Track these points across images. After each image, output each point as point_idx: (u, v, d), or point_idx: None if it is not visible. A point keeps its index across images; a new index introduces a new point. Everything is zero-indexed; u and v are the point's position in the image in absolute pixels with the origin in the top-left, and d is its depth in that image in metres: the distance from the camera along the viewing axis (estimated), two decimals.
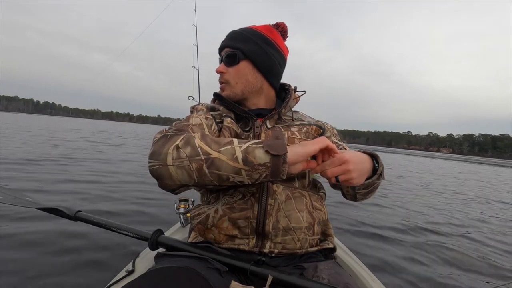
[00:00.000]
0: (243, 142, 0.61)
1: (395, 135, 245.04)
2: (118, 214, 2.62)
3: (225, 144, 0.60)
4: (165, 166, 0.60)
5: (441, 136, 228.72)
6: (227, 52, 0.81)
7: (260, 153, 0.58)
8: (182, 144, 0.60)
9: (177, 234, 1.22)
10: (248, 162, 0.58)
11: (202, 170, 0.59)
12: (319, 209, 0.78)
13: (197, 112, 0.81)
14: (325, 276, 0.64)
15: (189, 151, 0.59)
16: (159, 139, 0.64)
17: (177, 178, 0.60)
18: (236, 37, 0.81)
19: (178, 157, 0.59)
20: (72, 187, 3.41)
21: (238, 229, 0.71)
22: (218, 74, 0.83)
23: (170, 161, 0.59)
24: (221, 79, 0.83)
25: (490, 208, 4.78)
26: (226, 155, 0.59)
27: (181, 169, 0.59)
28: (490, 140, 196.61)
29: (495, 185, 9.01)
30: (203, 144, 0.60)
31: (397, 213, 3.70)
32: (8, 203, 0.91)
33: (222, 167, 0.58)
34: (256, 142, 0.61)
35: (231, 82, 0.81)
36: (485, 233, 3.17)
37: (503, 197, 6.41)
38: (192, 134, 0.63)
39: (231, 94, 0.82)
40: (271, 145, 0.59)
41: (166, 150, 0.60)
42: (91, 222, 0.85)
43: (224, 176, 0.59)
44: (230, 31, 0.85)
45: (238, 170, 0.59)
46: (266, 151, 0.58)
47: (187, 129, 0.69)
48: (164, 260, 0.68)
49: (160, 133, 0.67)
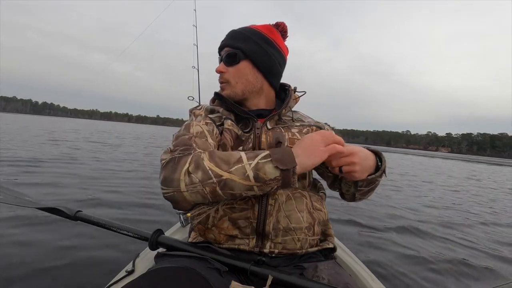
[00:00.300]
0: (252, 157, 0.61)
1: (394, 134, 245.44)
2: (118, 214, 2.62)
3: (234, 162, 0.60)
4: (179, 192, 0.60)
5: (440, 135, 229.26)
6: (227, 51, 0.80)
7: (270, 168, 0.60)
8: (193, 169, 0.60)
9: (177, 234, 1.22)
10: (259, 178, 0.60)
11: (215, 192, 0.60)
12: (319, 210, 0.78)
13: (196, 118, 0.79)
14: (325, 276, 0.64)
15: (201, 176, 0.59)
16: (167, 163, 0.63)
17: (192, 201, 0.61)
18: (236, 37, 0.81)
19: (191, 182, 0.59)
20: (72, 187, 3.41)
21: (239, 229, 0.71)
22: (218, 73, 0.83)
23: (184, 188, 0.59)
24: (221, 79, 0.82)
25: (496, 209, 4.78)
26: (237, 175, 0.59)
27: (195, 194, 0.60)
28: (489, 139, 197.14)
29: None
30: (213, 165, 0.60)
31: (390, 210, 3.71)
32: (8, 203, 0.91)
33: (235, 186, 0.60)
34: (264, 155, 0.61)
35: (231, 81, 0.81)
36: (495, 233, 3.17)
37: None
38: (200, 155, 0.62)
39: (231, 93, 0.81)
40: (280, 159, 0.60)
41: (177, 176, 0.60)
42: (91, 222, 0.85)
43: (237, 194, 0.61)
44: (230, 31, 0.84)
45: (250, 187, 0.60)
46: (276, 166, 0.60)
47: (191, 145, 0.67)
48: (164, 260, 0.68)
49: (166, 154, 0.65)
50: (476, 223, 3.59)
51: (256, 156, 0.61)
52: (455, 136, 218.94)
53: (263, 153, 0.62)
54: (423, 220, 3.41)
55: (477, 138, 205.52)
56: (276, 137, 0.76)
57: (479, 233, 3.13)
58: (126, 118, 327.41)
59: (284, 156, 0.61)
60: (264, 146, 0.75)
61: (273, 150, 0.63)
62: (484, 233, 3.17)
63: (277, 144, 0.75)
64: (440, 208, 4.25)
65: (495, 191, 7.30)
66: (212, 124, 0.77)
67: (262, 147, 0.74)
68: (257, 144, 0.75)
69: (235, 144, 0.76)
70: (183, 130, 0.74)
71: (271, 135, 0.77)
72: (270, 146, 0.75)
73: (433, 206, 4.38)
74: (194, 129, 0.73)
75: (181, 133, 0.72)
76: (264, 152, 0.62)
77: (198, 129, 0.73)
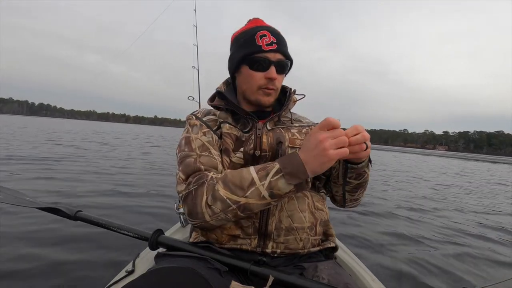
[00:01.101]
0: (264, 176, 0.63)
1: (392, 133, 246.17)
2: (118, 214, 2.62)
3: (248, 186, 0.63)
4: (206, 222, 0.66)
5: (437, 133, 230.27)
6: (281, 60, 0.77)
7: (283, 184, 0.61)
8: (211, 201, 0.64)
9: (177, 234, 1.21)
10: (275, 195, 0.63)
11: (237, 215, 0.65)
12: (321, 209, 0.78)
13: (193, 129, 0.78)
14: (325, 276, 0.65)
15: (220, 206, 0.64)
16: (186, 198, 0.67)
17: (219, 225, 0.69)
18: (285, 44, 0.79)
19: (214, 213, 0.65)
20: (71, 187, 3.40)
21: (241, 229, 0.71)
22: (266, 78, 0.77)
23: (209, 218, 0.65)
24: (272, 85, 0.78)
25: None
26: (254, 198, 0.63)
27: (220, 220, 0.66)
28: (485, 137, 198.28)
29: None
30: (229, 193, 0.63)
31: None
32: (8, 203, 0.91)
33: (254, 207, 0.64)
34: (276, 171, 0.62)
35: (277, 90, 0.81)
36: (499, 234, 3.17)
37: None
38: (214, 185, 0.65)
39: (272, 101, 0.81)
40: (291, 172, 0.61)
41: (200, 210, 0.65)
42: (91, 222, 0.85)
43: (257, 210, 0.66)
44: (271, 29, 0.78)
45: (267, 204, 0.65)
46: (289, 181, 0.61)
47: (200, 169, 0.70)
48: (164, 260, 0.68)
49: (181, 186, 0.70)
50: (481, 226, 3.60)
51: (268, 174, 0.63)
52: (452, 134, 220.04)
53: (274, 169, 0.63)
54: (423, 220, 3.41)
55: (473, 136, 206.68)
56: (277, 137, 0.77)
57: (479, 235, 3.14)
58: (124, 118, 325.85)
59: (294, 167, 0.61)
60: (265, 146, 0.75)
61: (282, 161, 0.63)
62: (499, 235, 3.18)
63: (278, 144, 0.76)
64: (440, 208, 4.23)
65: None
66: (210, 132, 0.78)
67: (263, 148, 0.75)
68: (258, 145, 0.75)
69: (235, 146, 0.77)
70: (185, 147, 0.75)
71: (271, 136, 0.77)
72: (271, 146, 0.75)
73: (433, 205, 4.37)
74: (195, 144, 0.74)
75: (185, 153, 0.73)
76: (275, 167, 0.63)
77: (199, 143, 0.75)
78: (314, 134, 0.61)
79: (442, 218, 3.54)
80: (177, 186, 0.71)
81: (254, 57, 0.76)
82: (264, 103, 0.80)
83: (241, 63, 0.78)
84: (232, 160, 0.75)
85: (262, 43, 0.75)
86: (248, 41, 0.77)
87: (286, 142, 0.77)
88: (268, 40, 0.75)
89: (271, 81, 0.77)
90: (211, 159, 0.72)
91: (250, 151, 0.74)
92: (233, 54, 0.82)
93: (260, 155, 0.74)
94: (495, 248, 2.62)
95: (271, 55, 0.75)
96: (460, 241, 2.73)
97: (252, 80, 0.78)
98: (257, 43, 0.75)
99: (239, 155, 0.75)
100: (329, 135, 0.58)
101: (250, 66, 0.77)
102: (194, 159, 0.71)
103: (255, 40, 0.76)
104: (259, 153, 0.74)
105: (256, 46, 0.75)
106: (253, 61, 0.76)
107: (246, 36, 0.78)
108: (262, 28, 0.78)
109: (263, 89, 0.78)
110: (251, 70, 0.77)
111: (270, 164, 0.64)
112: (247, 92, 0.81)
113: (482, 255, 2.41)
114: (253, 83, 0.78)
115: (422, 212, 3.81)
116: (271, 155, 0.75)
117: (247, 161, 0.75)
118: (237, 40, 0.81)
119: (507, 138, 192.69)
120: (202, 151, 0.73)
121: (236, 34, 0.83)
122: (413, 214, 3.59)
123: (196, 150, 0.73)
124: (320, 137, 0.59)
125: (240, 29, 0.83)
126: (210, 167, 0.71)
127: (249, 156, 0.75)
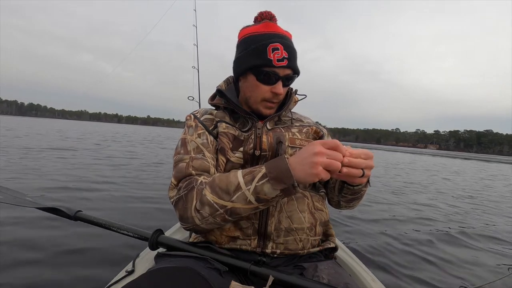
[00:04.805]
0: (249, 180, 0.62)
1: (384, 132, 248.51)
2: (118, 214, 2.60)
3: (234, 191, 0.63)
4: (196, 226, 0.67)
5: (428, 132, 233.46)
6: (289, 75, 0.76)
7: (269, 188, 0.60)
8: (199, 206, 0.65)
9: (177, 234, 1.21)
10: (261, 200, 0.62)
11: (225, 219, 0.65)
12: (320, 210, 0.77)
13: (189, 131, 0.79)
14: (325, 276, 0.65)
15: (208, 210, 0.64)
16: (177, 203, 0.68)
17: (210, 228, 0.69)
18: (295, 57, 0.77)
19: (203, 217, 0.65)
20: (71, 187, 3.37)
21: (240, 230, 0.71)
22: (272, 92, 0.76)
23: (198, 222, 0.66)
24: (276, 99, 0.78)
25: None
26: (240, 202, 0.63)
27: (210, 224, 0.66)
28: (475, 136, 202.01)
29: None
30: (215, 198, 0.64)
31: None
32: (8, 203, 0.90)
33: (241, 211, 0.64)
34: (261, 175, 0.61)
35: (280, 101, 0.81)
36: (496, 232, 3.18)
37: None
38: (202, 190, 0.65)
39: (273, 112, 0.81)
40: (276, 177, 0.60)
41: (190, 214, 0.66)
42: (91, 222, 0.85)
43: (246, 215, 0.66)
44: (288, 42, 0.75)
45: (255, 208, 0.64)
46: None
47: (190, 174, 0.70)
48: (164, 260, 0.68)
49: (173, 191, 0.71)
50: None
51: (253, 179, 0.62)
52: (443, 133, 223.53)
53: (260, 173, 0.62)
54: (423, 221, 3.39)
55: (463, 135, 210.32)
56: (277, 137, 0.77)
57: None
58: (116, 118, 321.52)
59: (280, 172, 0.59)
60: (265, 146, 0.75)
61: (269, 166, 0.62)
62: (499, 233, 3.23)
63: (278, 143, 0.76)
64: (441, 209, 4.21)
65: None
66: (205, 133, 0.78)
67: (263, 147, 0.75)
68: (258, 145, 0.75)
69: (234, 146, 0.77)
70: (181, 148, 0.76)
71: (271, 136, 0.77)
72: (271, 146, 0.75)
73: (433, 205, 4.36)
74: (190, 146, 0.76)
75: (180, 156, 0.74)
76: (261, 171, 0.62)
77: (193, 145, 0.76)
78: (313, 144, 0.60)
79: (442, 218, 3.56)
80: (169, 192, 0.72)
81: (263, 70, 0.74)
82: (265, 114, 0.80)
83: (248, 71, 0.76)
84: (231, 160, 0.75)
85: (273, 57, 0.72)
86: (259, 52, 0.73)
87: (286, 141, 0.77)
88: (280, 56, 0.72)
89: (276, 96, 0.77)
90: (203, 162, 0.72)
91: (250, 150, 0.74)
92: (240, 58, 0.78)
93: (260, 155, 0.74)
94: (495, 248, 2.63)
95: (280, 70, 0.74)
96: (460, 241, 2.73)
97: (258, 91, 0.77)
98: (268, 57, 0.72)
99: (239, 154, 0.75)
100: (327, 153, 0.57)
101: (257, 77, 0.75)
102: (186, 163, 0.72)
103: (267, 53, 0.72)
104: (258, 153, 0.74)
105: (267, 60, 0.72)
106: (261, 73, 0.74)
107: (257, 44, 0.74)
108: (275, 38, 0.74)
109: (267, 101, 0.78)
110: (258, 81, 0.75)
111: (257, 168, 0.64)
112: (250, 100, 0.80)
113: (482, 255, 2.42)
114: (258, 94, 0.77)
115: (422, 212, 3.83)
116: (271, 154, 0.75)
117: (247, 161, 0.75)
118: (247, 45, 0.76)
119: (495, 137, 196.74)
120: (196, 153, 0.74)
121: (246, 35, 0.78)
122: (413, 214, 3.61)
123: (190, 153, 0.74)
124: (317, 149, 0.58)
125: (250, 29, 0.78)
126: (202, 171, 0.71)
127: (248, 155, 0.75)
